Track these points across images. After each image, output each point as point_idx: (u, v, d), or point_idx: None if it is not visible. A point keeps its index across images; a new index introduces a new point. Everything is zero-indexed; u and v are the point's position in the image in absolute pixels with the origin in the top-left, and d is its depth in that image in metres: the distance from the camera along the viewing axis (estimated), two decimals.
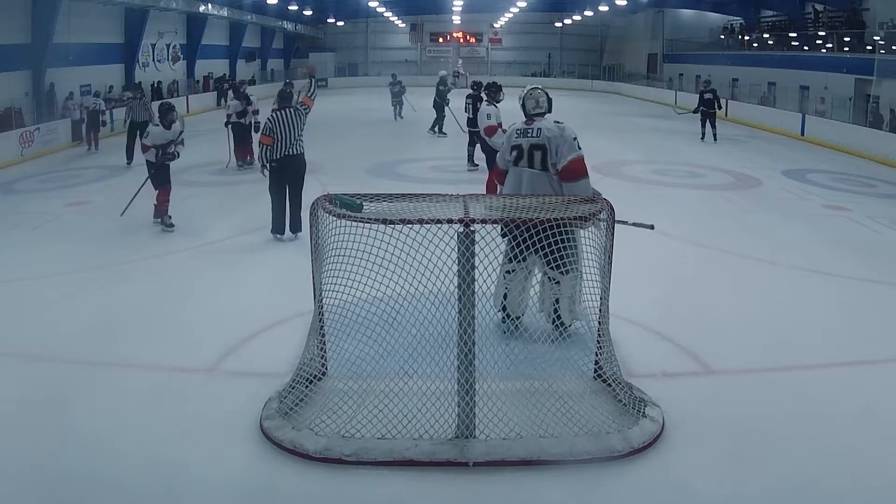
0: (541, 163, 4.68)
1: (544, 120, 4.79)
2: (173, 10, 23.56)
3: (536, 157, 4.69)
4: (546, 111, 4.85)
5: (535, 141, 4.69)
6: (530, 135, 4.73)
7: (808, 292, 6.10)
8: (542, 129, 4.70)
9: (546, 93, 4.92)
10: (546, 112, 4.85)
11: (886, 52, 18.16)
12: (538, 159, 4.68)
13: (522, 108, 4.89)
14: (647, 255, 6.48)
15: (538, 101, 4.84)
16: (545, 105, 4.85)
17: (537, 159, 4.69)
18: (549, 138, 4.65)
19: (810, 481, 3.37)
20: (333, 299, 3.86)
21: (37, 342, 4.90)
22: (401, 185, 10.12)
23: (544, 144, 4.66)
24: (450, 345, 3.65)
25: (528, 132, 4.75)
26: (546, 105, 4.86)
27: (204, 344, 4.82)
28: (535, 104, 4.84)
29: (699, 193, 10.44)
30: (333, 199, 3.81)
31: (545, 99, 4.87)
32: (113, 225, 8.32)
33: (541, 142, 4.67)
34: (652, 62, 35.94)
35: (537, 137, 4.69)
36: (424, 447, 3.49)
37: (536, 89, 4.91)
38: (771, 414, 3.97)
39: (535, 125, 4.75)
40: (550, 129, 4.69)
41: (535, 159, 4.69)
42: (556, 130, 4.68)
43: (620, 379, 4.05)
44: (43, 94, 17.14)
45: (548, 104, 4.87)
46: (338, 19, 39.96)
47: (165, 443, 3.62)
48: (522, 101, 4.89)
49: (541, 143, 4.67)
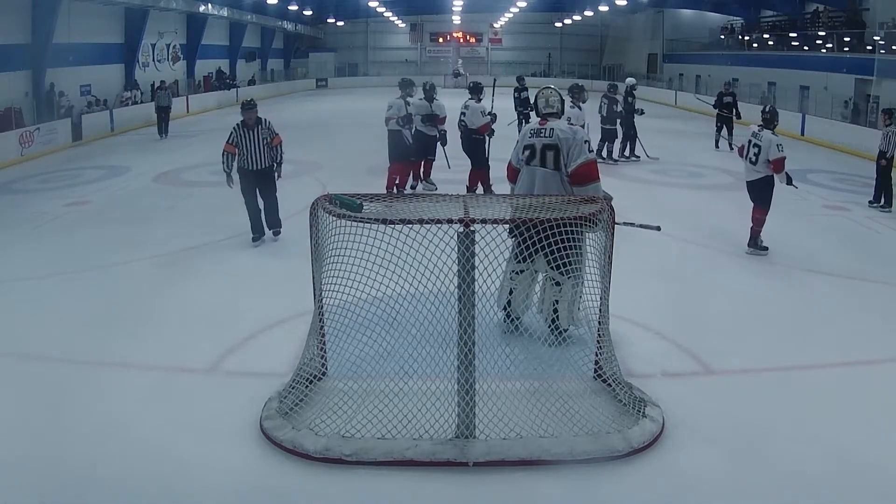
0: (553, 163, 4.71)
1: (558, 121, 4.82)
2: (173, 10, 23.55)
3: (549, 157, 4.72)
4: (558, 111, 4.90)
5: (547, 141, 4.72)
6: (543, 135, 4.76)
7: (808, 292, 6.10)
8: (554, 129, 4.73)
9: (559, 93, 4.97)
10: (558, 112, 4.90)
11: (886, 52, 18.16)
12: (551, 159, 4.72)
13: (535, 108, 4.97)
14: (647, 255, 6.48)
15: (548, 101, 4.88)
16: (556, 105, 4.89)
17: (550, 159, 4.72)
18: (562, 139, 4.68)
19: (810, 481, 3.37)
20: (333, 299, 3.86)
21: (37, 342, 4.90)
22: None
23: (557, 145, 4.68)
24: (450, 345, 3.65)
25: (542, 132, 4.78)
26: (558, 105, 4.90)
27: (204, 344, 4.81)
28: (546, 103, 4.88)
29: (699, 193, 10.44)
30: (333, 199, 3.81)
31: (556, 99, 4.91)
32: (113, 225, 8.31)
33: (553, 142, 4.70)
34: (652, 62, 35.94)
35: (550, 138, 4.72)
36: (424, 447, 3.49)
37: (548, 89, 4.96)
38: (771, 414, 3.97)
39: (549, 125, 4.78)
40: (564, 130, 4.73)
41: (548, 159, 4.73)
42: (569, 132, 4.73)
43: (620, 379, 4.05)
44: (43, 94, 17.14)
45: (560, 105, 4.91)
46: (338, 19, 39.94)
47: (165, 443, 3.62)
48: (535, 101, 4.97)
49: (553, 144, 4.70)
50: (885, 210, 9.12)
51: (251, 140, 7.07)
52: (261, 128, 7.12)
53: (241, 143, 7.05)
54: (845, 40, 21.02)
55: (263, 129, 7.13)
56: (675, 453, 3.58)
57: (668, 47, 34.88)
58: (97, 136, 16.84)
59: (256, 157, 7.11)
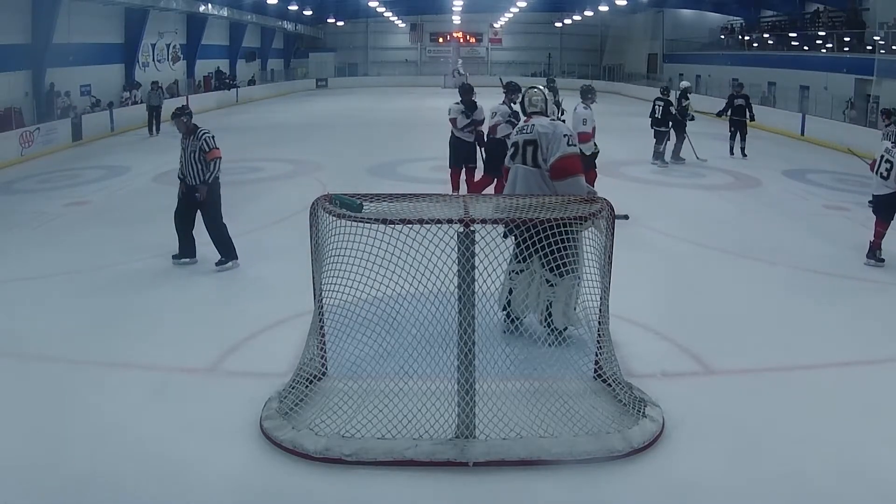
0: (532, 159, 4.73)
1: (542, 118, 4.86)
2: (173, 10, 23.57)
3: (528, 153, 4.75)
4: (542, 110, 4.92)
5: (527, 137, 4.77)
6: (525, 131, 4.82)
7: (807, 292, 6.10)
8: (535, 125, 4.78)
9: (543, 92, 5.00)
10: (542, 111, 4.91)
11: (886, 52, 18.16)
12: (530, 155, 4.75)
13: (521, 108, 5.04)
14: (647, 255, 6.49)
15: (531, 100, 4.96)
16: (539, 104, 4.94)
17: (529, 155, 4.75)
18: (542, 134, 4.71)
19: (810, 481, 3.37)
20: (333, 299, 3.86)
21: (37, 342, 4.90)
22: (401, 185, 10.11)
23: (535, 140, 4.72)
24: (450, 345, 3.65)
25: (524, 129, 4.85)
26: (541, 104, 4.94)
27: (204, 344, 4.81)
28: (530, 102, 4.97)
29: (699, 193, 10.44)
30: (333, 199, 3.81)
31: (539, 98, 4.96)
32: (112, 225, 8.32)
33: (532, 137, 4.74)
34: (652, 62, 35.96)
35: (530, 133, 4.77)
36: (424, 447, 3.49)
37: (533, 89, 5.03)
38: (771, 414, 3.97)
39: (531, 122, 4.83)
40: (544, 125, 4.76)
41: (528, 155, 4.76)
42: (549, 127, 4.75)
43: (620, 379, 4.04)
44: (43, 94, 17.15)
45: (543, 103, 4.94)
46: (338, 19, 39.96)
47: (165, 443, 3.62)
48: (521, 101, 5.06)
49: (532, 139, 4.74)
50: None
51: (184, 151, 6.50)
52: (193, 138, 6.44)
53: (181, 151, 6.57)
54: (845, 40, 21.04)
55: (196, 140, 6.41)
56: (675, 453, 3.58)
57: (668, 47, 34.90)
58: (97, 136, 16.85)
59: (189, 171, 6.45)
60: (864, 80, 18.69)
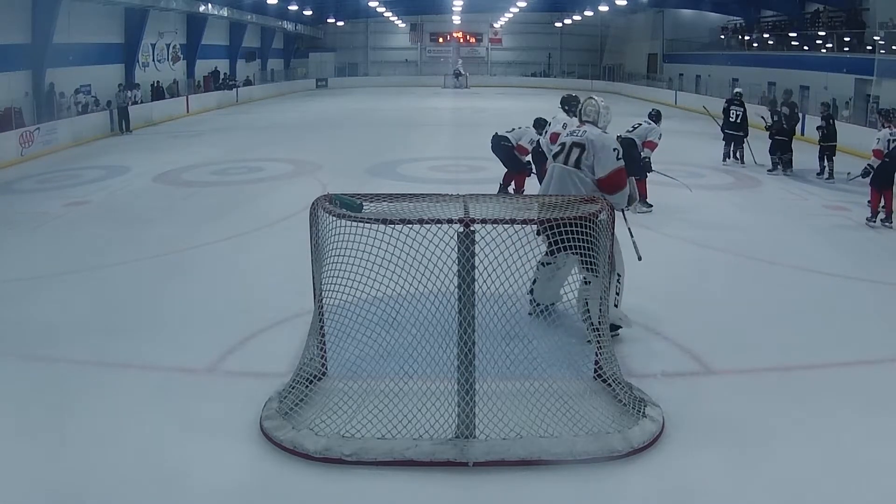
0: (575, 161, 4.86)
1: (594, 127, 5.00)
2: (173, 10, 23.55)
3: (573, 154, 4.88)
4: (593, 120, 5.05)
5: (577, 139, 4.91)
6: (577, 134, 4.97)
7: (807, 292, 6.10)
8: (587, 131, 4.94)
9: (598, 104, 5.11)
10: (594, 122, 5.03)
11: (886, 52, 18.15)
12: (574, 156, 4.88)
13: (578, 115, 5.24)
14: (648, 255, 6.47)
15: (586, 110, 5.13)
16: (592, 114, 5.08)
17: (573, 156, 4.88)
18: (591, 140, 4.85)
19: (810, 481, 3.37)
20: (333, 299, 3.86)
21: (37, 342, 4.90)
22: (401, 185, 10.11)
23: (584, 144, 4.86)
24: (450, 345, 3.65)
25: (576, 132, 5.00)
26: (593, 114, 5.06)
27: (204, 344, 4.81)
28: (584, 112, 5.15)
29: (699, 193, 10.42)
30: (333, 199, 3.81)
31: (593, 109, 5.10)
32: (113, 225, 8.32)
33: (582, 141, 4.88)
34: (652, 62, 35.94)
35: (581, 137, 4.92)
36: (424, 447, 3.49)
37: (591, 99, 5.18)
38: (771, 414, 3.97)
39: (583, 128, 5.00)
40: (596, 133, 4.92)
41: (572, 156, 4.89)
42: (600, 137, 4.91)
43: (620, 379, 4.05)
44: (43, 94, 17.14)
45: (596, 114, 5.07)
46: (338, 19, 39.94)
47: (165, 443, 3.62)
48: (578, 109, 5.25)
49: (581, 143, 4.87)
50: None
51: None
52: None
53: None
54: (845, 40, 21.02)
55: None
56: (675, 453, 3.58)
57: (668, 47, 34.88)
58: (97, 136, 16.85)
59: None
60: (864, 80, 18.68)
